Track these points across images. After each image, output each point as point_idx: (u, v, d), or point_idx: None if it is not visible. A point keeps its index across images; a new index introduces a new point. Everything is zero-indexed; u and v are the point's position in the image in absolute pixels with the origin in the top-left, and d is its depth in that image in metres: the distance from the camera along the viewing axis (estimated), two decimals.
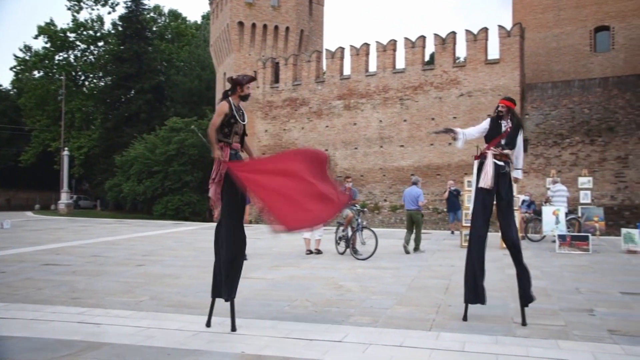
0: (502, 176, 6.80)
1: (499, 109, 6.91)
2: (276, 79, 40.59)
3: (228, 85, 6.61)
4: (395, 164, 34.84)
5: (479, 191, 6.91)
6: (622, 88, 30.21)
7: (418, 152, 34.09)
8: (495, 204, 6.92)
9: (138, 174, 45.43)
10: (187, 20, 69.96)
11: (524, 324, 6.47)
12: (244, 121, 6.44)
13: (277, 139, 39.84)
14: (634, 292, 8.61)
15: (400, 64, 35.73)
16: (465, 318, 6.74)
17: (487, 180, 6.75)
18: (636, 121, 29.62)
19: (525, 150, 30.80)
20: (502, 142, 6.82)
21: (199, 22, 70.60)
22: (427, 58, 36.74)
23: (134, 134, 49.66)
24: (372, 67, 36.65)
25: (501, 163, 6.80)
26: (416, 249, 14.22)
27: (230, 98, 6.41)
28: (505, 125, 6.88)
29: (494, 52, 33.38)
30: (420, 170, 33.53)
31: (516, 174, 7.08)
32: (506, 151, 6.82)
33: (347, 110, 36.83)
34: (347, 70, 37.67)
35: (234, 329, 6.10)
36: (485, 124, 7.05)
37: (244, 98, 6.48)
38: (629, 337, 5.99)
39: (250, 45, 43.03)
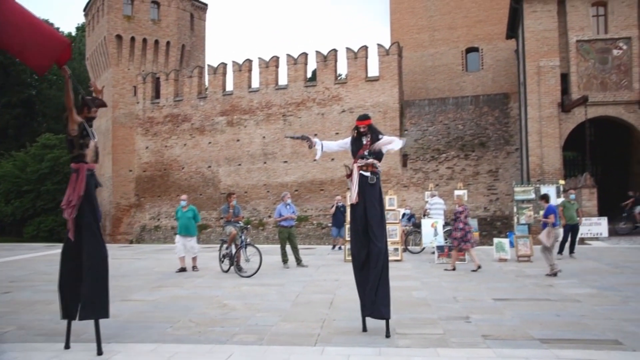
0: (370, 187, 6.84)
1: (360, 129, 6.98)
2: (157, 95, 39.66)
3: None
4: (279, 180, 34.95)
5: (351, 208, 7.06)
6: (491, 106, 32.15)
7: (302, 168, 34.40)
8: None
9: (6, 193, 42.85)
10: (60, 31, 66.74)
11: (387, 335, 6.54)
12: (94, 138, 6.24)
13: (158, 155, 38.84)
14: (505, 298, 9.08)
15: (282, 80, 36.08)
16: (364, 329, 6.85)
17: (352, 195, 6.90)
18: (504, 137, 31.58)
19: (404, 165, 32.11)
20: (366, 153, 6.92)
21: (73, 33, 67.60)
22: (309, 75, 37.28)
23: (0, 151, 46.75)
24: (255, 83, 36.70)
25: (367, 174, 6.86)
26: (300, 262, 14.36)
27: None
28: (366, 139, 6.98)
29: (374, 69, 34.47)
30: (304, 186, 33.88)
31: (395, 145, 6.97)
32: (371, 161, 6.87)
33: (230, 126, 36.57)
34: (229, 86, 37.47)
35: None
36: (347, 140, 7.21)
37: (89, 120, 6.27)
38: (500, 341, 6.31)
39: (130, 60, 41.72)
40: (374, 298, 6.57)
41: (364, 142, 6.97)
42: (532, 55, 27.20)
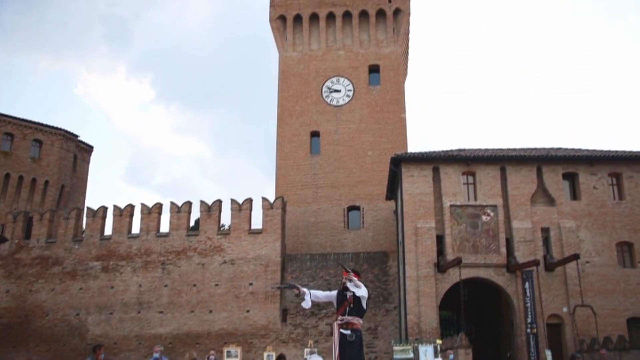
0: (349, 345, 6.73)
1: (343, 280, 7.08)
2: (27, 235, 37.40)
3: None
4: (153, 331, 33.03)
5: None
6: (371, 263, 32.90)
7: (178, 319, 32.87)
8: None
9: None
10: None
11: None
12: None
13: (20, 300, 35.77)
14: None
15: (164, 227, 35.37)
16: None
17: (334, 355, 6.84)
18: (383, 294, 32.06)
19: (284, 319, 31.52)
20: (347, 309, 6.87)
21: None
22: (192, 224, 36.87)
23: None
24: (136, 229, 35.71)
25: (347, 332, 6.79)
26: None
27: None
28: (349, 294, 6.95)
29: (257, 222, 34.69)
30: (179, 338, 32.25)
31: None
32: (351, 318, 6.83)
33: (105, 272, 34.78)
34: (108, 230, 36.17)
35: None
36: (334, 292, 7.28)
37: None
38: None
39: (1, 197, 39.64)
40: None
41: (347, 297, 6.94)
42: (410, 217, 28.50)
